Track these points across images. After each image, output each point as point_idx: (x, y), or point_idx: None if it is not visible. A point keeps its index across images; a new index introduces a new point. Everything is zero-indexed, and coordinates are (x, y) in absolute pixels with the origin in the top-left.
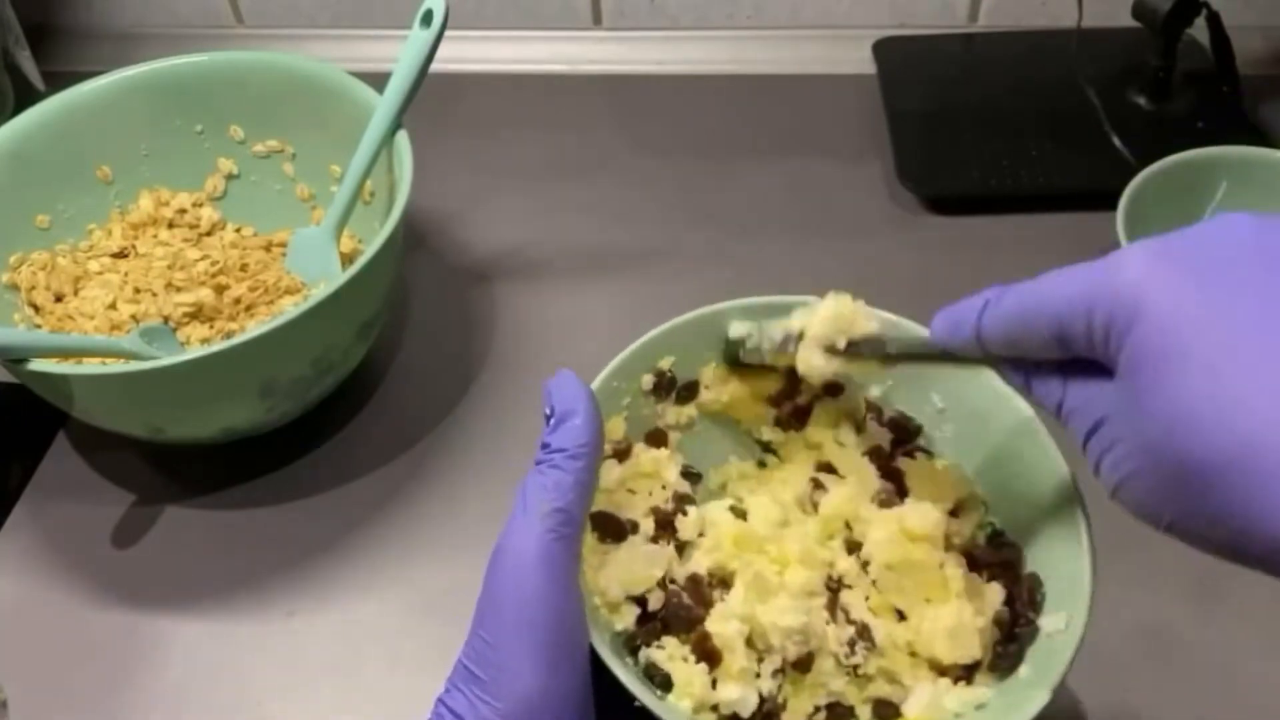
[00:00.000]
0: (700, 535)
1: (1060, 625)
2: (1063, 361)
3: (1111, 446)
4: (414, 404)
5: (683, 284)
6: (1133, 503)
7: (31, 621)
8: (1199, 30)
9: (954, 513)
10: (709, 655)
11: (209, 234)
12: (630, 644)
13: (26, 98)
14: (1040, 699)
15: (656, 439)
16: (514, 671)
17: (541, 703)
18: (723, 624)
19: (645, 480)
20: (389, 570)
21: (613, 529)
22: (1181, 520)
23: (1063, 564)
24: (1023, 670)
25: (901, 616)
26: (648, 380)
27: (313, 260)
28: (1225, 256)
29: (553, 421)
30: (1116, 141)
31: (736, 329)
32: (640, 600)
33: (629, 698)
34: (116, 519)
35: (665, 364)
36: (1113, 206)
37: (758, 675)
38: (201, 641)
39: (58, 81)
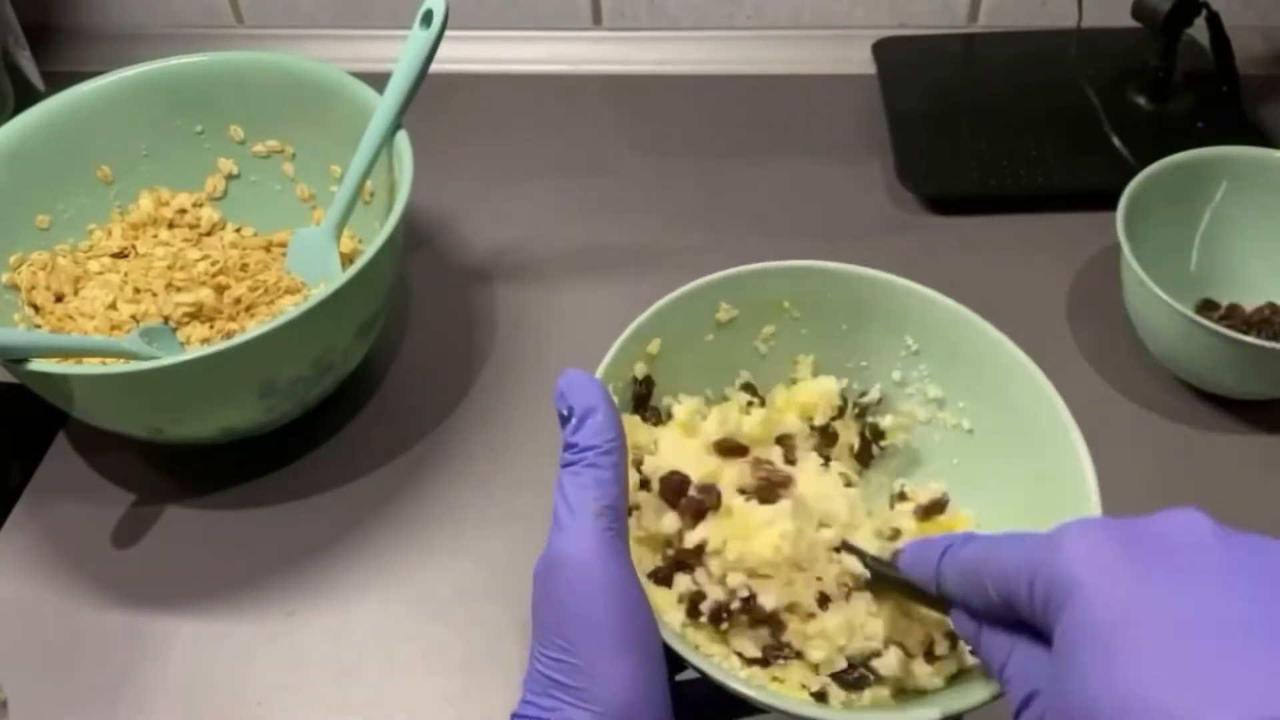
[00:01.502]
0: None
1: None
2: (1013, 623)
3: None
4: (414, 404)
5: (682, 284)
6: None
7: (31, 621)
8: (1199, 30)
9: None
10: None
11: (209, 234)
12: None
13: (26, 98)
14: None
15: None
16: (608, 675)
17: (639, 701)
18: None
19: None
20: (389, 570)
21: None
22: None
23: (1062, 469)
24: None
25: None
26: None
27: (313, 260)
28: (1174, 552)
29: (574, 421)
30: (1116, 141)
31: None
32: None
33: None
34: (116, 519)
35: (640, 372)
36: (1113, 206)
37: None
38: (201, 641)
39: (58, 81)
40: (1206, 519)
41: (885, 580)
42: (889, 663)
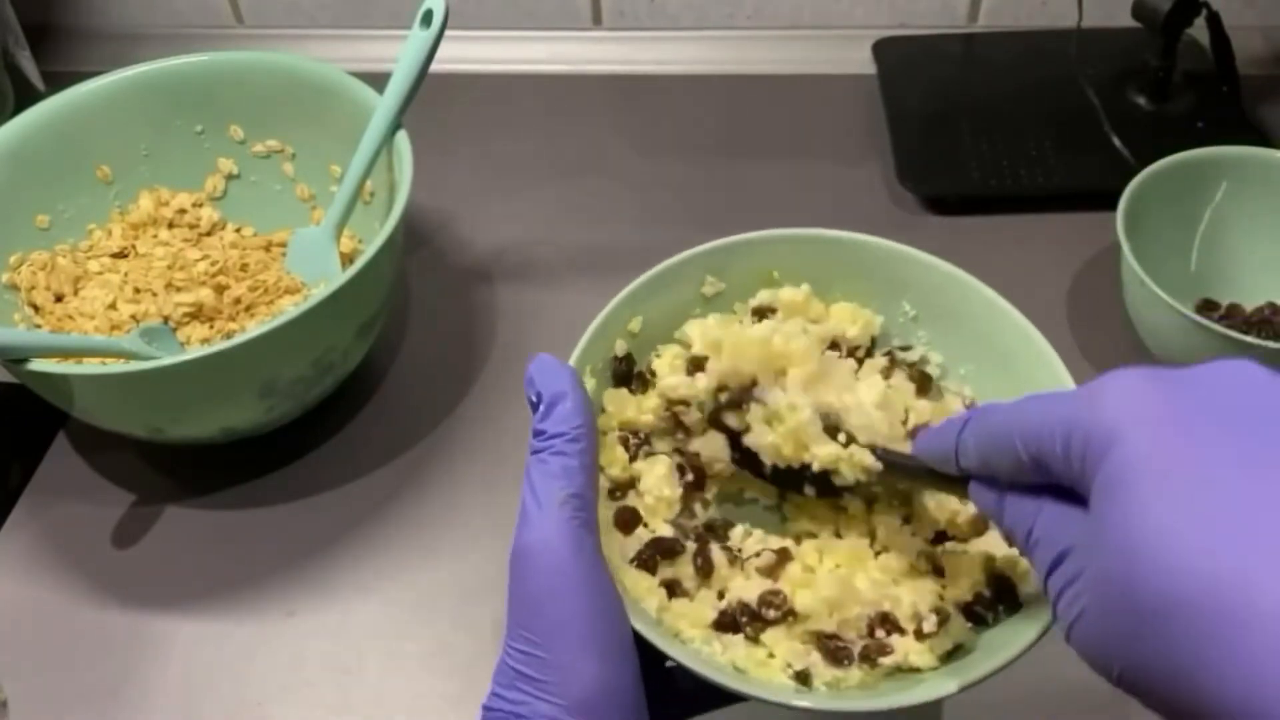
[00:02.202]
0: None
1: None
2: (1038, 488)
3: (1072, 580)
4: (414, 404)
5: None
6: (1084, 644)
7: (31, 621)
8: (1199, 30)
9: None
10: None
11: (209, 234)
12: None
13: (26, 98)
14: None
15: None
16: (572, 668)
17: (605, 694)
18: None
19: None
20: (389, 570)
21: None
22: (1131, 670)
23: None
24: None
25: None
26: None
27: (313, 260)
28: (1221, 398)
29: (543, 408)
30: (1116, 141)
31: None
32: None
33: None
34: (116, 519)
35: (620, 349)
36: (1113, 206)
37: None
38: (201, 641)
39: (58, 81)
40: (1258, 367)
41: (898, 470)
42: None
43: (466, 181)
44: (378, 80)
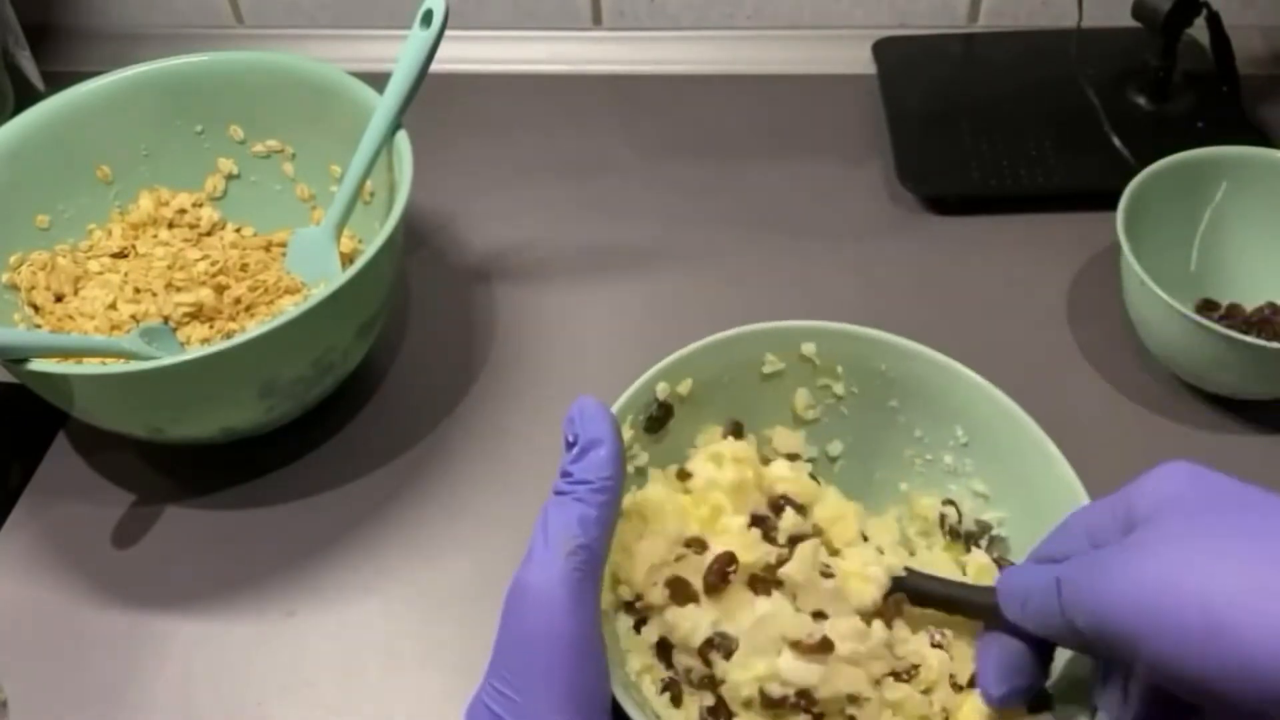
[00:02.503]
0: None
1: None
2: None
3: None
4: (414, 404)
5: (682, 284)
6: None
7: (31, 621)
8: (1199, 30)
9: None
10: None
11: (209, 234)
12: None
13: (26, 98)
14: None
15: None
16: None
17: None
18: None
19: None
20: (389, 570)
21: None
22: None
23: None
24: None
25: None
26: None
27: (313, 260)
28: (1241, 491)
29: (576, 450)
30: (1116, 141)
31: None
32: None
33: None
34: (116, 519)
35: (664, 393)
36: (1113, 206)
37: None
38: (201, 641)
39: (58, 81)
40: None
41: (925, 595)
42: None
43: (466, 181)
44: (378, 80)
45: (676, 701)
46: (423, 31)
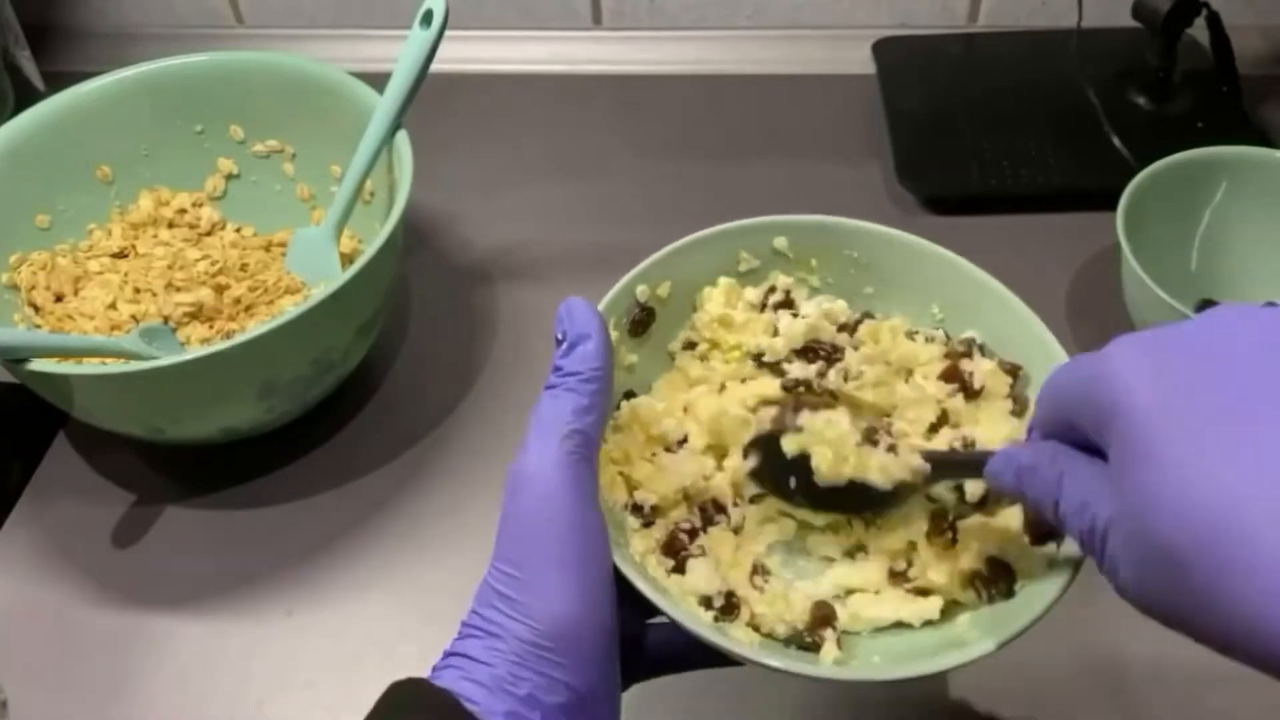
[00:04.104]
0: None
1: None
2: (1057, 456)
3: (1103, 534)
4: (414, 404)
5: None
6: (1124, 590)
7: (31, 621)
8: (1199, 30)
9: None
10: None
11: (209, 234)
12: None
13: (26, 98)
14: (1018, 624)
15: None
16: (547, 595)
17: (577, 623)
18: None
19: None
20: (389, 570)
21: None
22: (1165, 609)
23: None
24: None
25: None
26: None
27: (313, 260)
28: (1211, 349)
29: (565, 345)
30: (1116, 141)
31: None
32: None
33: (645, 610)
34: (116, 519)
35: (644, 296)
36: (1113, 206)
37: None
38: (201, 641)
39: (58, 81)
40: (1242, 309)
41: (946, 468)
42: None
43: (466, 181)
44: (378, 80)
45: (681, 570)
46: (423, 31)
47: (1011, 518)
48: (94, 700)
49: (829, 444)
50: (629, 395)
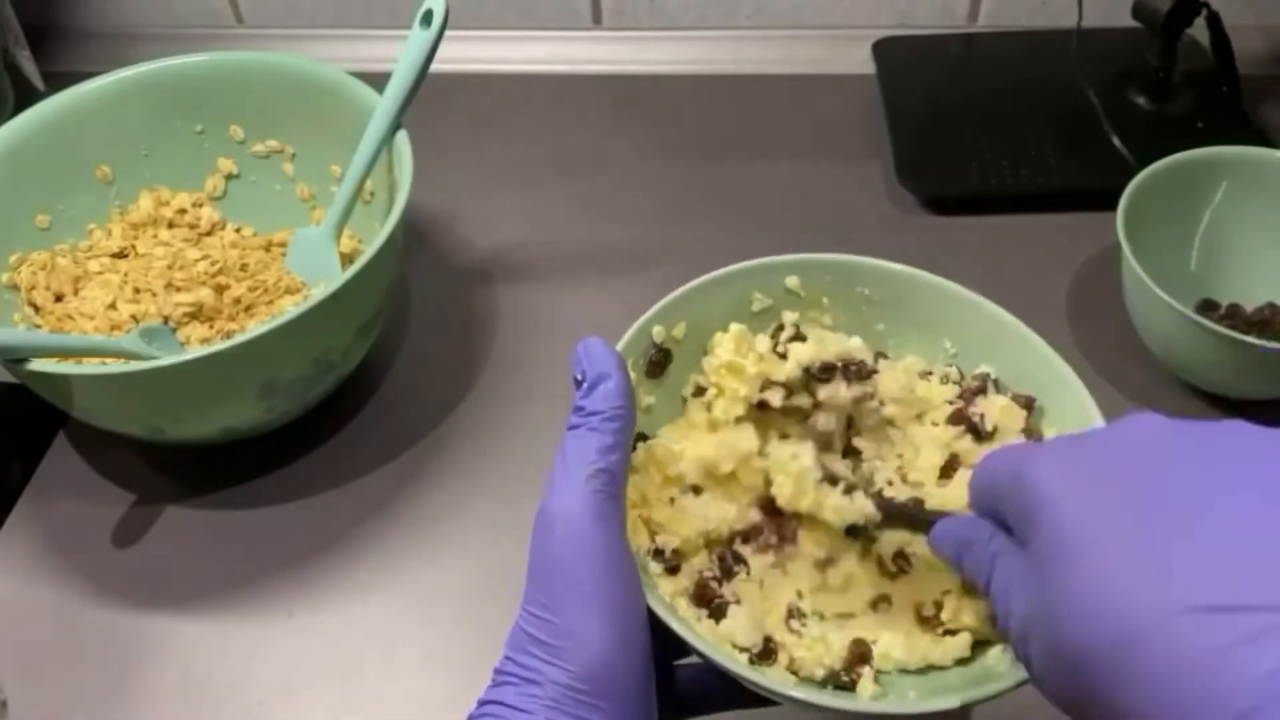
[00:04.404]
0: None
1: None
2: (998, 535)
3: (1023, 633)
4: (414, 404)
5: (682, 283)
6: (1041, 686)
7: (31, 621)
8: (1199, 30)
9: None
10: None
11: (209, 234)
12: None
13: (26, 98)
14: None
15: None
16: (583, 636)
17: (613, 663)
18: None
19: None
20: (389, 570)
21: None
22: (1077, 707)
23: None
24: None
25: None
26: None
27: (313, 260)
28: (1127, 465)
29: (585, 385)
30: (1116, 141)
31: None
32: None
33: (673, 650)
34: (116, 519)
35: (660, 337)
36: (1113, 206)
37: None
38: (201, 641)
39: (58, 81)
40: (1160, 420)
41: (897, 518)
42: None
43: (466, 181)
44: (378, 80)
45: (716, 619)
46: (423, 31)
47: None
48: (94, 700)
49: (790, 476)
50: (643, 437)
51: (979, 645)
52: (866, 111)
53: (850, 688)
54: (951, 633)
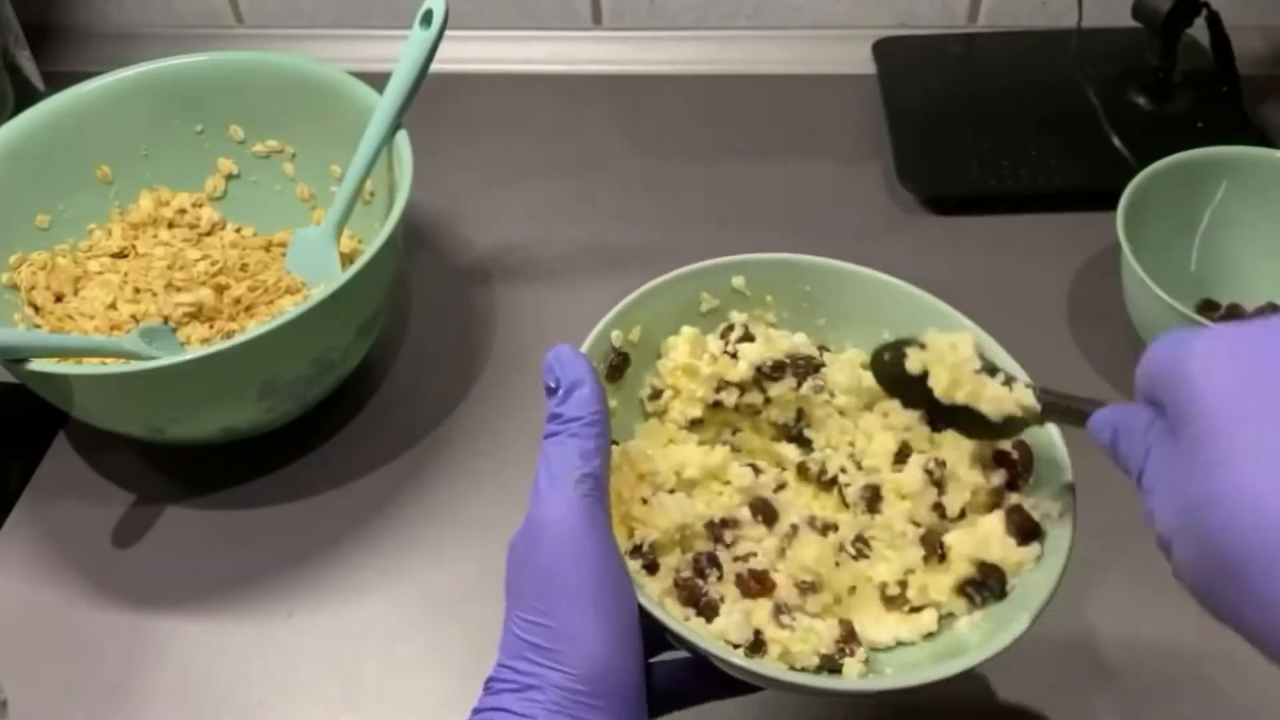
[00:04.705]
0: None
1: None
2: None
3: (1169, 523)
4: (414, 404)
5: None
6: (1181, 578)
7: (31, 621)
8: (1199, 30)
9: None
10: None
11: (209, 234)
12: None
13: (26, 98)
14: (1020, 624)
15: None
16: (580, 638)
17: (611, 664)
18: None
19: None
20: (389, 570)
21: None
22: (1223, 604)
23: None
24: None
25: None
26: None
27: (313, 260)
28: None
29: (561, 393)
30: (1116, 141)
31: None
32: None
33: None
34: (116, 519)
35: (618, 341)
36: (1113, 206)
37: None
38: (201, 641)
39: (58, 81)
40: None
41: (1057, 411)
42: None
43: (466, 181)
44: (378, 80)
45: (709, 621)
46: (423, 31)
47: (994, 522)
48: (94, 700)
49: (948, 367)
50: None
51: (946, 619)
52: (866, 111)
53: (836, 671)
54: (916, 609)
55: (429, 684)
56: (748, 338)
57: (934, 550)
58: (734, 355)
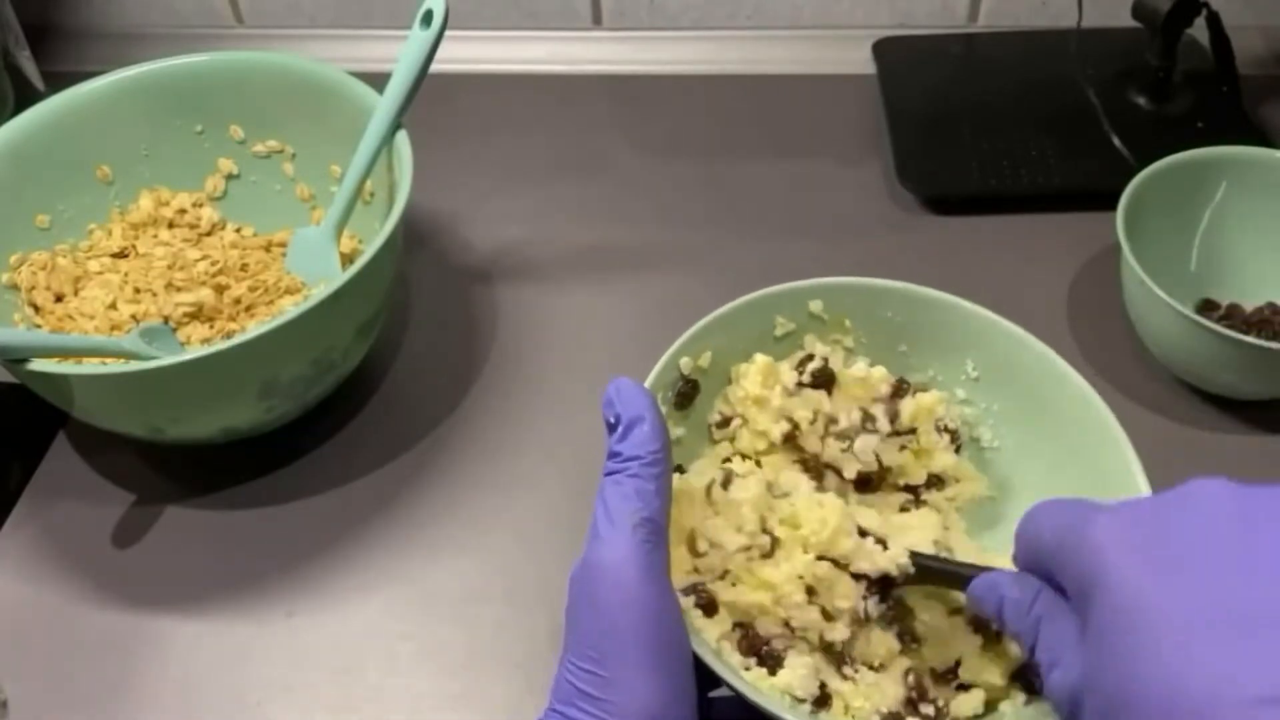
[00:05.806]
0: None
1: None
2: (1040, 593)
3: (1071, 695)
4: (414, 404)
5: (682, 284)
6: None
7: (31, 621)
8: (1199, 30)
9: None
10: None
11: (209, 234)
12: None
13: (26, 98)
14: None
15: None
16: (632, 691)
17: (663, 717)
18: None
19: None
20: (389, 570)
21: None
22: None
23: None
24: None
25: None
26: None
27: (313, 260)
28: (1193, 538)
29: (620, 429)
30: (1116, 141)
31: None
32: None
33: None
34: (116, 519)
35: (687, 368)
36: (1113, 206)
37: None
38: (201, 641)
39: (58, 81)
40: (1227, 490)
41: (931, 575)
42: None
43: (466, 181)
44: (378, 80)
45: (772, 672)
46: (423, 31)
47: None
48: (94, 700)
49: (827, 525)
50: (678, 469)
51: (992, 704)
52: (866, 111)
53: None
54: (965, 688)
55: (429, 684)
56: (825, 372)
57: (989, 634)
58: (810, 381)
